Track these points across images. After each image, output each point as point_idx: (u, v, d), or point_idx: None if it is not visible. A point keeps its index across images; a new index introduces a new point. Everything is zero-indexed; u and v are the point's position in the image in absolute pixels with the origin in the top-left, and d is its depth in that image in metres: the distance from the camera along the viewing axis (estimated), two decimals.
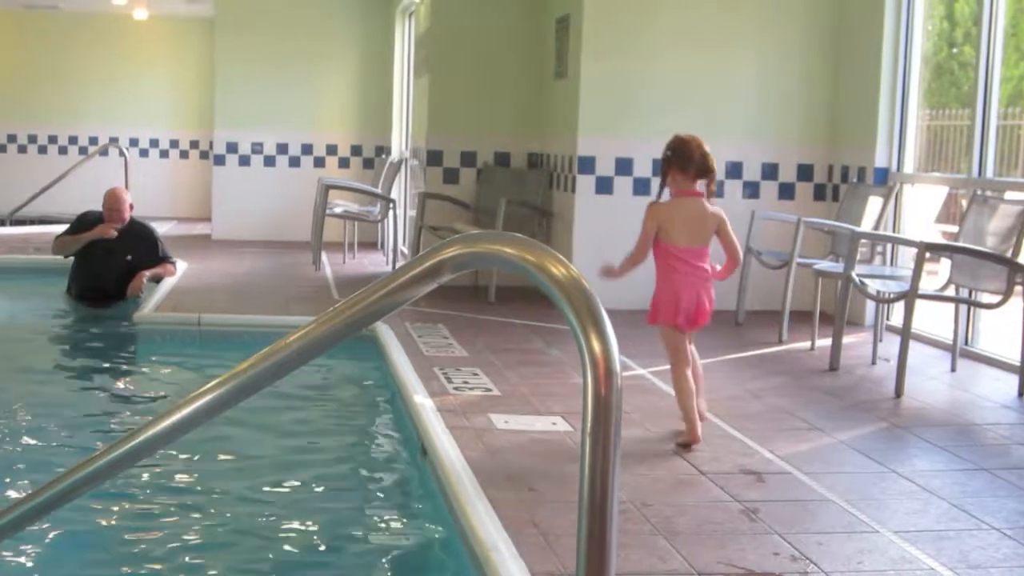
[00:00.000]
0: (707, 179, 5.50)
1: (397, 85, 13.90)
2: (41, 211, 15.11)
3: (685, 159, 5.42)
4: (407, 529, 4.66)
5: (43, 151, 17.52)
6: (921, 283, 6.58)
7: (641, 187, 9.19)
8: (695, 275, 5.40)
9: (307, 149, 14.42)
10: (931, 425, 5.85)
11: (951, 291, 7.22)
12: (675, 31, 9.19)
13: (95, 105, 17.40)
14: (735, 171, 9.32)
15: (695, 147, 5.41)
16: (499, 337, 7.86)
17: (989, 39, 7.68)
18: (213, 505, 4.93)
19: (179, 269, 10.01)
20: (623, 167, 9.20)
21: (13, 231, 13.78)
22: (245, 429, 5.77)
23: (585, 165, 9.18)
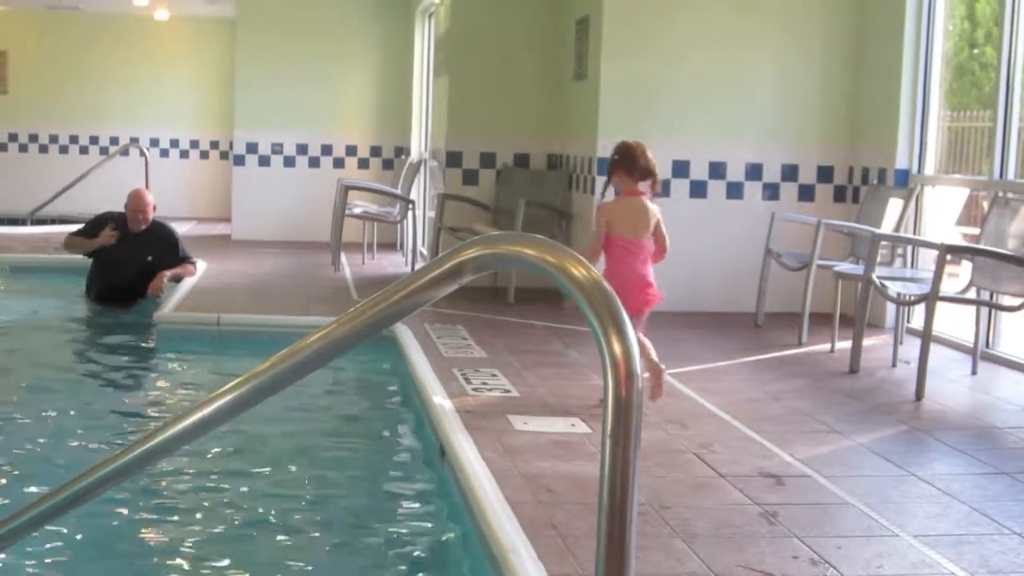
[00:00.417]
0: (650, 180, 6.08)
1: (417, 86, 13.92)
2: (62, 211, 15.16)
3: (631, 163, 6.04)
4: (425, 530, 4.67)
5: (64, 151, 17.58)
6: (942, 285, 6.55)
7: (661, 188, 9.16)
8: (640, 264, 5.99)
9: (327, 150, 14.45)
10: (951, 428, 5.82)
11: (972, 293, 7.19)
12: (695, 32, 9.17)
13: (116, 105, 17.45)
14: (755, 172, 9.30)
15: (640, 152, 6.03)
16: (518, 338, 7.86)
17: (1011, 40, 7.64)
18: (230, 502, 4.94)
19: (199, 269, 10.03)
20: None
21: (34, 230, 13.84)
22: (264, 428, 5.78)
23: (605, 166, 9.13)
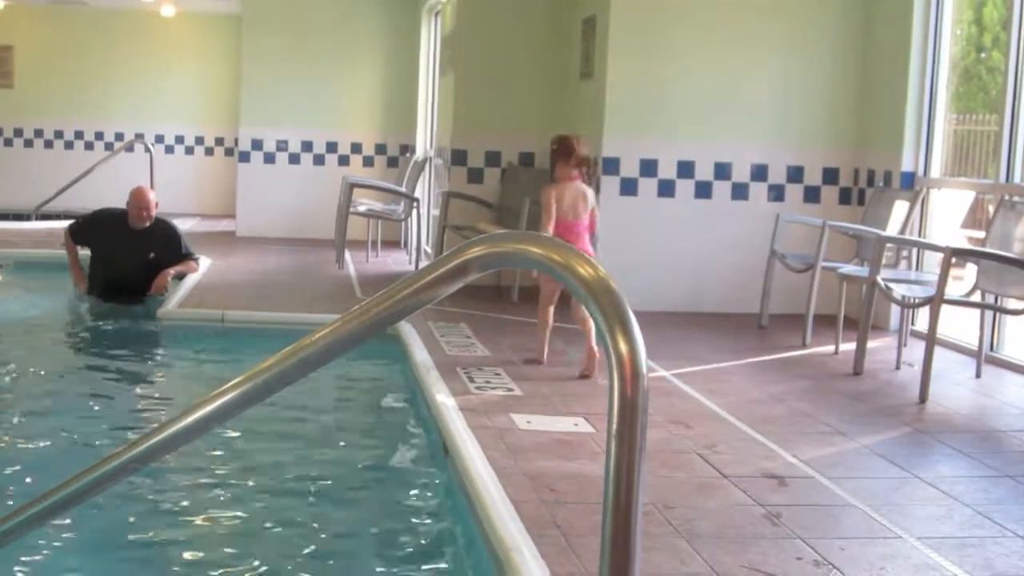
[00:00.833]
0: (585, 167, 6.97)
1: (422, 84, 13.91)
2: (67, 206, 15.14)
3: (568, 152, 6.92)
4: (427, 529, 4.66)
5: (69, 146, 17.59)
6: (947, 288, 6.54)
7: (666, 189, 9.18)
8: (581, 242, 6.84)
9: (332, 147, 14.45)
10: (955, 431, 5.82)
11: (977, 297, 7.18)
12: (702, 33, 9.16)
13: (122, 101, 17.46)
14: (760, 174, 9.29)
15: (576, 143, 6.97)
16: (522, 337, 7.85)
17: (1018, 44, 7.62)
18: (234, 501, 4.94)
19: (203, 266, 10.03)
20: (648, 169, 9.17)
21: (39, 226, 13.85)
22: (265, 425, 5.77)
23: (610, 166, 9.16)
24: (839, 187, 9.38)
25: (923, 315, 7.73)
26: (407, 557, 4.38)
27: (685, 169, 9.20)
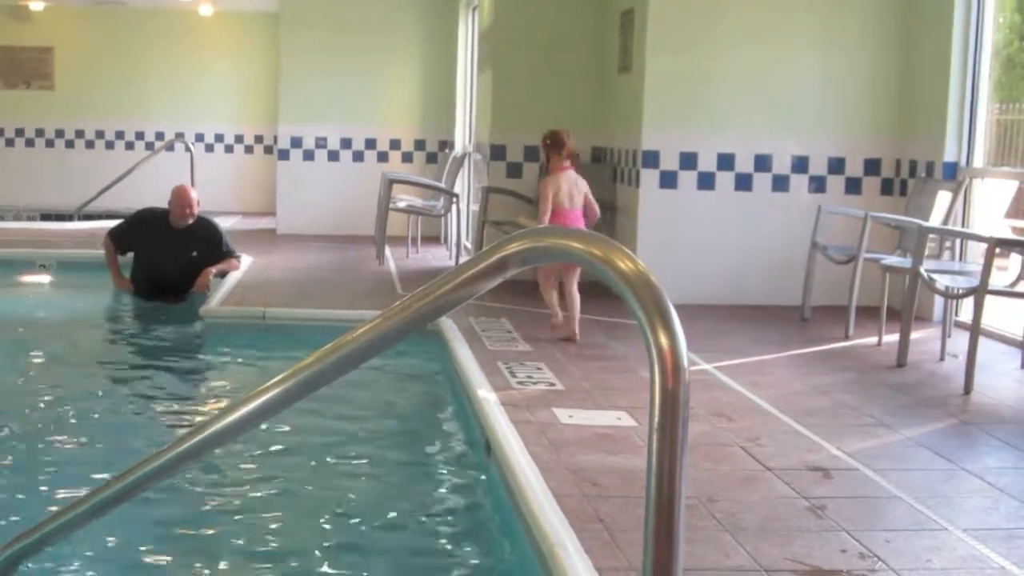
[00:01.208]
0: (573, 159, 7.72)
1: (460, 79, 13.92)
2: (108, 206, 15.26)
3: (560, 145, 7.64)
4: (470, 524, 4.67)
5: (110, 147, 17.71)
6: (991, 279, 6.49)
7: (706, 181, 9.15)
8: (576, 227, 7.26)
9: (370, 144, 14.48)
10: (1001, 422, 5.77)
11: (1021, 287, 7.11)
12: (741, 25, 9.12)
13: (161, 100, 17.56)
14: (801, 165, 9.24)
15: (566, 136, 7.67)
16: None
17: None
18: (280, 494, 4.97)
19: (244, 264, 10.08)
20: (687, 161, 9.15)
21: (81, 226, 13.94)
22: (309, 421, 5.80)
23: (649, 159, 9.13)
24: (881, 178, 9.32)
25: (967, 306, 7.67)
26: (450, 552, 4.39)
27: (725, 162, 9.17)
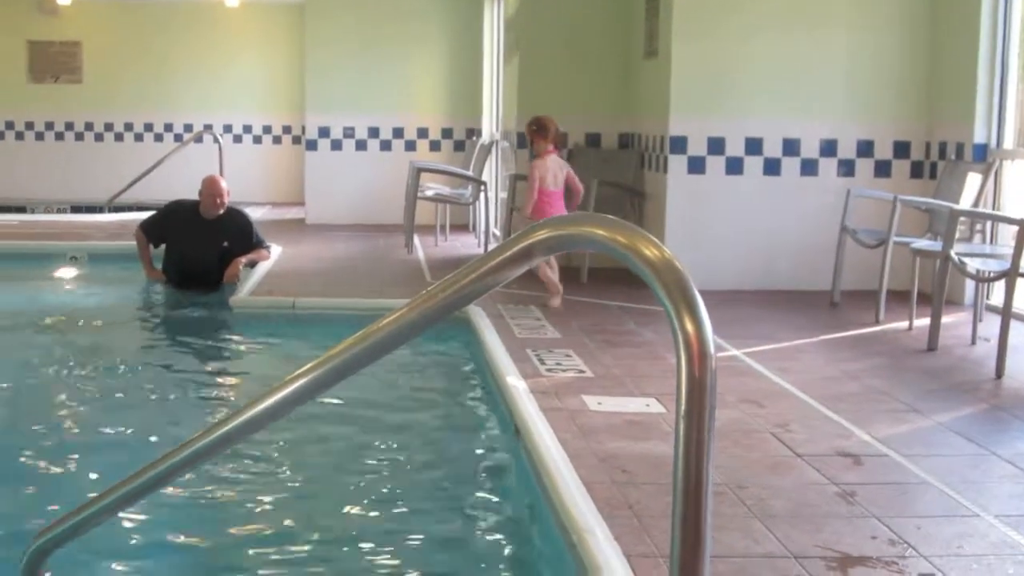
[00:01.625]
0: (557, 143, 8.47)
1: (487, 67, 13.91)
2: (139, 198, 15.34)
3: (545, 130, 8.31)
4: (500, 511, 4.68)
5: (139, 139, 17.79)
6: (1023, 261, 6.44)
7: (734, 166, 9.12)
8: (560, 207, 8.20)
9: (398, 132, 14.49)
10: None
11: None
12: (767, 9, 9.08)
13: (189, 92, 17.62)
14: (829, 149, 9.20)
15: (550, 122, 8.36)
16: (591, 318, 7.85)
17: None
18: (309, 481, 4.99)
19: (273, 254, 10.12)
20: (715, 147, 9.12)
21: (112, 218, 14.02)
22: (337, 409, 5.82)
23: (677, 145, 9.11)
24: (910, 161, 9.27)
25: (998, 289, 7.62)
26: (479, 539, 4.40)
27: (753, 146, 9.13)
